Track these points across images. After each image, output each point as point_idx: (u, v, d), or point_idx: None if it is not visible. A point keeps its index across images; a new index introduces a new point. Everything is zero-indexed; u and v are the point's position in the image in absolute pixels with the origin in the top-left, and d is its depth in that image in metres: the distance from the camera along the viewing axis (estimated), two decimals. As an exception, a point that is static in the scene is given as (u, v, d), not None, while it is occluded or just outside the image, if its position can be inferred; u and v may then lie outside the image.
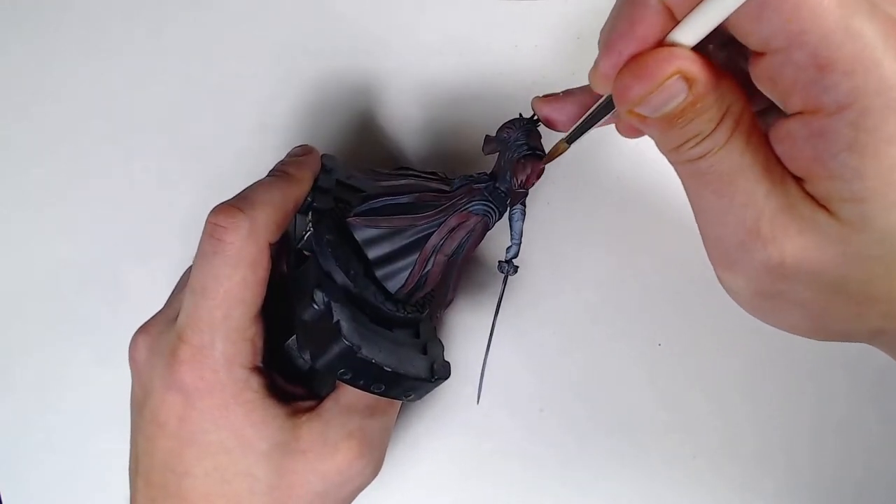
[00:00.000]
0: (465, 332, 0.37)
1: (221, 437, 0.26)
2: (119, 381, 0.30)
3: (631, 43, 0.19)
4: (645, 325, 0.37)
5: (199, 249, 0.27)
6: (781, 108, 0.19)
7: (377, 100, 0.41)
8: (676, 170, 0.21)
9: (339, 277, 0.27)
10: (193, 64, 0.42)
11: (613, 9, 0.20)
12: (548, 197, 0.40)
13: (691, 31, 0.19)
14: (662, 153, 0.21)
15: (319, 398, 0.29)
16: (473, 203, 0.27)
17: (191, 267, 0.28)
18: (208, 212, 0.27)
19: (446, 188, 0.28)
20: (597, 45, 0.20)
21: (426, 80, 0.42)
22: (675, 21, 0.19)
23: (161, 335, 0.28)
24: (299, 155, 0.30)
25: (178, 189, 0.39)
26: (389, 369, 0.26)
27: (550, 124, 0.26)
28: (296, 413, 0.27)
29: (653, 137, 0.21)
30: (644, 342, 0.37)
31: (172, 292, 0.31)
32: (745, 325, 0.38)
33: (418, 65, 0.42)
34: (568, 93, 0.26)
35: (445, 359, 0.30)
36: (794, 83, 0.18)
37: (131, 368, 0.29)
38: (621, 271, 0.37)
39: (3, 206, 0.41)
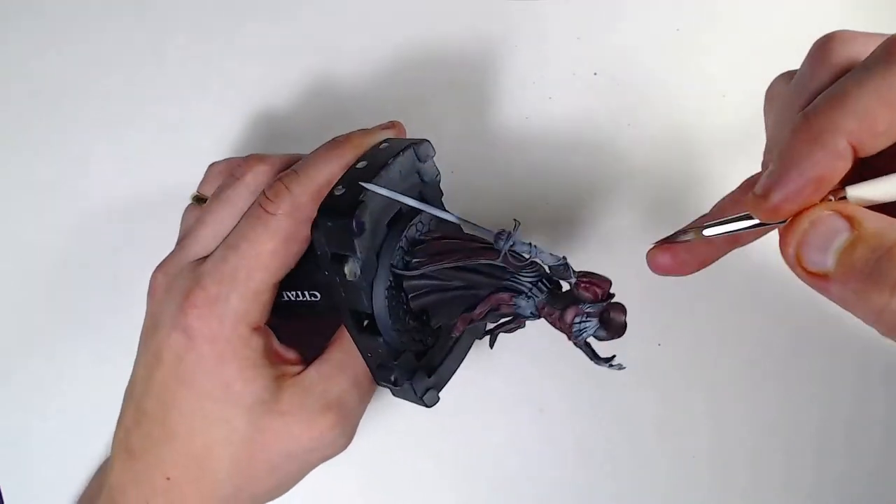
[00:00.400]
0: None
1: (212, 384, 0.27)
2: (119, 381, 0.30)
3: (808, 188, 0.19)
4: (645, 325, 0.37)
5: (245, 215, 0.29)
6: None
7: (373, 99, 0.41)
8: None
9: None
10: (198, 66, 0.42)
11: (792, 143, 0.19)
12: (547, 199, 0.40)
13: (877, 192, 0.19)
14: (888, 327, 0.19)
15: (307, 363, 0.30)
16: (523, 300, 0.25)
17: (190, 204, 0.31)
18: None
19: (498, 266, 0.26)
20: (596, 45, 0.20)
21: (426, 80, 0.42)
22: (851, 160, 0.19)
23: (178, 276, 0.29)
24: (383, 128, 0.30)
25: (179, 190, 0.39)
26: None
27: (674, 273, 0.26)
28: (282, 376, 0.29)
29: (853, 303, 0.19)
30: (644, 342, 0.37)
31: (181, 231, 0.33)
32: (745, 326, 0.38)
33: (418, 65, 0.42)
34: (686, 246, 0.25)
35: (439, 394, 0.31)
36: None
37: (148, 301, 0.30)
38: (621, 271, 0.37)
39: (4, 206, 0.41)
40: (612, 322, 0.23)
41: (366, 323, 0.28)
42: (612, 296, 0.24)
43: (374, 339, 0.28)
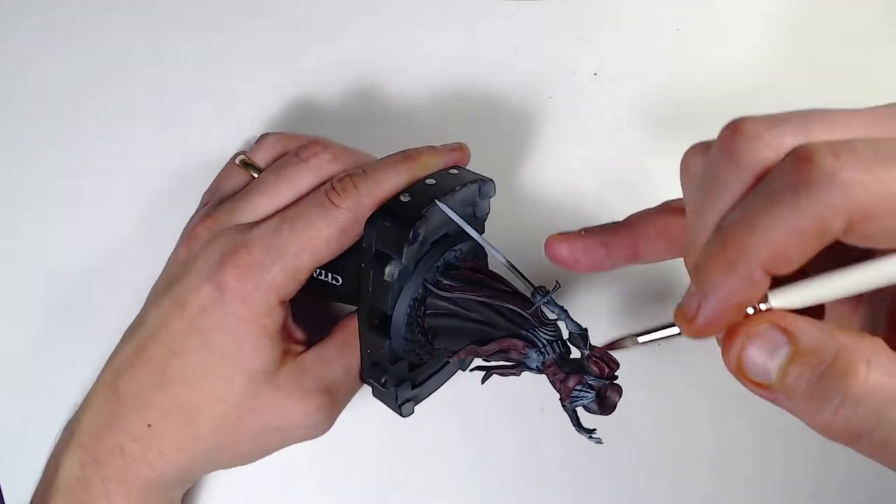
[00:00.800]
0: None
1: (226, 340, 0.29)
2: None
3: (729, 313, 0.20)
4: (645, 325, 0.37)
5: (308, 197, 0.30)
6: None
7: (375, 99, 0.41)
8: (868, 454, 0.20)
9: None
10: (200, 67, 0.42)
11: (708, 267, 0.20)
12: (547, 198, 0.40)
13: (800, 298, 0.20)
14: (835, 440, 0.20)
15: (309, 344, 0.32)
16: (535, 352, 0.26)
17: (234, 164, 0.33)
18: None
19: (522, 314, 0.27)
20: (596, 46, 0.20)
21: (426, 79, 0.42)
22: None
23: (223, 234, 0.30)
24: (451, 149, 0.32)
25: (180, 191, 0.39)
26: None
27: (565, 265, 0.26)
28: (287, 353, 0.30)
29: (798, 415, 0.20)
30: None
31: (219, 188, 0.34)
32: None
33: (418, 65, 0.42)
34: (589, 232, 0.25)
35: (415, 407, 0.32)
36: None
37: (179, 249, 0.31)
38: (621, 271, 0.37)
39: (4, 206, 0.41)
40: (607, 400, 0.25)
41: (377, 322, 0.29)
42: (616, 377, 0.25)
43: (381, 339, 0.29)
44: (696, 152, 0.23)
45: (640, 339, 0.24)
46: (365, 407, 0.37)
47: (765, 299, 0.20)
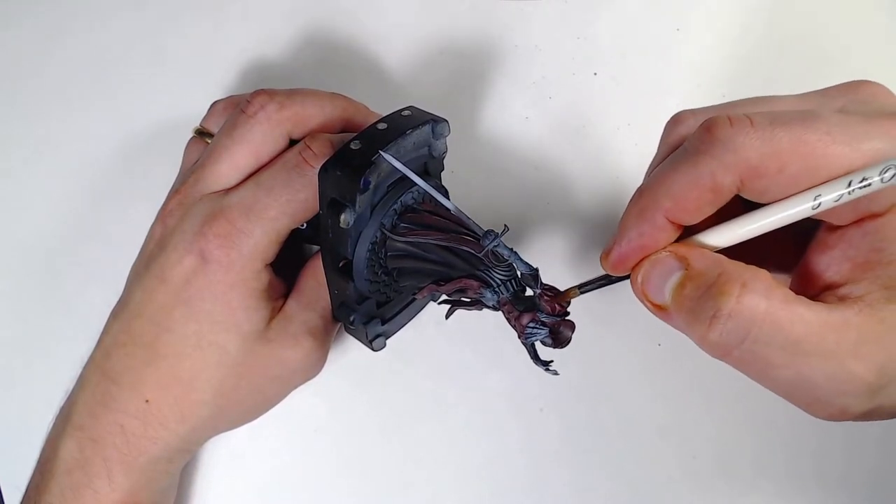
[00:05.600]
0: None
1: (216, 308, 0.29)
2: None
3: (635, 252, 0.24)
4: (645, 325, 0.37)
5: (282, 159, 0.30)
6: (827, 220, 0.23)
7: (375, 99, 0.41)
8: (738, 367, 0.23)
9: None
10: (200, 66, 0.42)
11: (626, 215, 0.24)
12: (547, 198, 0.40)
13: (713, 240, 0.23)
14: (712, 354, 0.23)
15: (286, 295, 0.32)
16: (489, 292, 0.27)
17: (192, 138, 0.34)
18: None
19: (476, 256, 0.28)
20: (596, 45, 0.21)
21: (426, 80, 0.42)
22: (677, 231, 0.23)
23: (196, 205, 0.30)
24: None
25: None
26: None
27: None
28: (274, 309, 0.31)
29: (686, 332, 0.23)
30: (644, 342, 0.37)
31: (184, 163, 0.34)
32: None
33: (418, 64, 0.42)
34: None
35: (386, 342, 0.33)
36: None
37: (156, 229, 0.31)
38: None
39: (4, 206, 0.41)
40: (560, 335, 0.26)
41: (341, 265, 0.29)
42: (568, 314, 0.26)
43: (345, 282, 0.29)
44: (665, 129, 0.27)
45: (581, 290, 0.26)
46: (366, 407, 0.37)
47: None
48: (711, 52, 0.42)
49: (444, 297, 0.29)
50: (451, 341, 0.37)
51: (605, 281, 0.26)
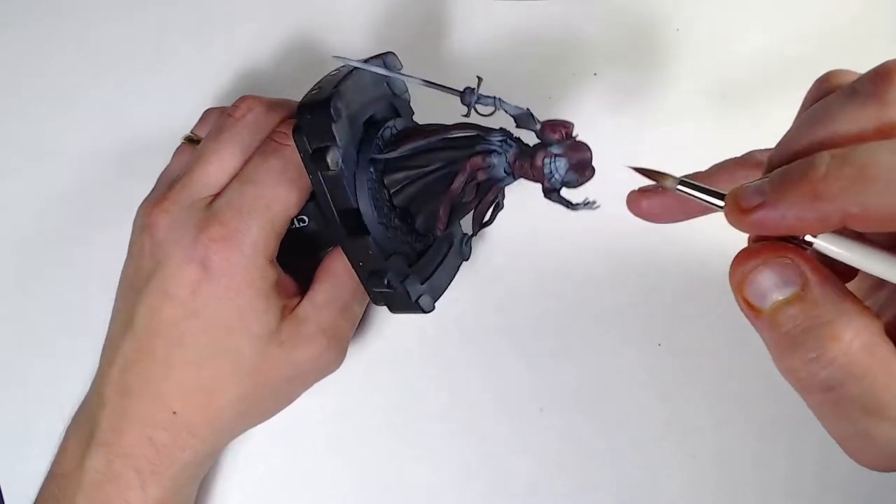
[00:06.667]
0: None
1: (226, 314, 0.29)
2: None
3: (783, 230, 0.19)
4: (645, 325, 0.37)
5: (258, 152, 0.30)
6: None
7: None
8: (808, 402, 0.21)
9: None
10: (200, 67, 0.42)
11: (789, 170, 0.19)
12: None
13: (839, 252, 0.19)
14: (791, 382, 0.21)
15: (301, 293, 0.31)
16: (496, 158, 0.27)
17: (181, 144, 0.33)
18: None
19: (470, 136, 0.28)
20: (597, 45, 0.20)
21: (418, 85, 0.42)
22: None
23: (183, 211, 0.29)
24: None
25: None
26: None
27: (646, 219, 0.25)
28: (284, 308, 0.30)
29: (768, 344, 0.21)
30: (644, 342, 0.37)
31: (172, 171, 0.33)
32: (744, 325, 0.38)
33: (418, 64, 0.42)
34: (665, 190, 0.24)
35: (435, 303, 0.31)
36: None
37: (141, 241, 0.30)
38: (622, 271, 0.37)
39: (5, 206, 0.41)
40: (580, 163, 0.25)
41: (352, 224, 0.28)
42: (576, 136, 0.26)
43: (363, 239, 0.28)
44: (817, 83, 0.24)
45: (681, 186, 0.22)
46: (367, 407, 0.37)
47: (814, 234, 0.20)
48: (711, 52, 0.42)
49: (469, 231, 0.28)
50: (452, 341, 0.37)
51: (709, 195, 0.21)
